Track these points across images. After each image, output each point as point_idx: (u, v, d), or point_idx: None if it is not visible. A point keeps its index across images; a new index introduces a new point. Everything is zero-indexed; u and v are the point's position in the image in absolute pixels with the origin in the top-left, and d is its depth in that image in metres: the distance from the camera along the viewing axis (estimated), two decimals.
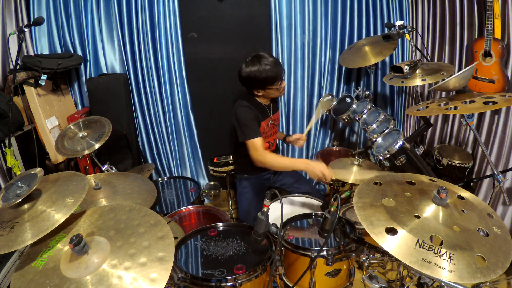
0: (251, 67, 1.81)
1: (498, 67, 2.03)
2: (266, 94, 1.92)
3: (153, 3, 2.48)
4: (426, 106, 1.56)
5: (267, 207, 1.23)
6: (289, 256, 1.44)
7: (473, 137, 2.35)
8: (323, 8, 2.60)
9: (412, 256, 0.92)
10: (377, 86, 2.91)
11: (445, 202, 1.05)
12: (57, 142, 1.91)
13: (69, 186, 1.10)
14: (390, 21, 2.72)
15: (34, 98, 2.25)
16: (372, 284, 1.26)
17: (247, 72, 1.82)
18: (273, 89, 1.88)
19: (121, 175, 1.65)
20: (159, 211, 2.15)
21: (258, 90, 1.89)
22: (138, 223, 1.04)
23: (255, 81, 1.83)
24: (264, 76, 1.81)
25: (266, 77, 1.81)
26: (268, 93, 1.91)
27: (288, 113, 2.85)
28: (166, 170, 2.97)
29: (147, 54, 2.59)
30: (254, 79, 1.82)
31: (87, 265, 0.92)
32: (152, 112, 2.77)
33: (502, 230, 1.04)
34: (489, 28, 1.98)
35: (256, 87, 1.87)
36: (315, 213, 1.66)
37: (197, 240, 1.52)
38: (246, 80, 1.86)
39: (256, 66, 1.80)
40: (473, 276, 0.88)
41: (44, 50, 2.53)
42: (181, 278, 1.27)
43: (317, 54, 2.70)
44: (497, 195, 1.81)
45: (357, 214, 1.05)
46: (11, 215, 1.02)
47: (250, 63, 1.82)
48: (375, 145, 1.93)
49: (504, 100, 1.32)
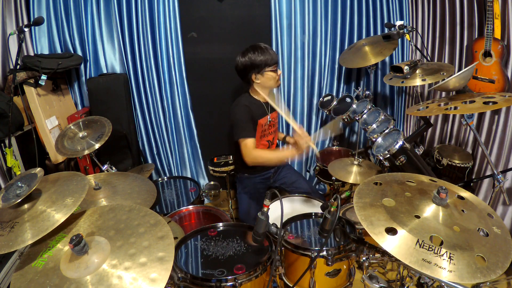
0: (247, 54, 1.88)
1: (498, 67, 2.03)
2: (264, 82, 1.92)
3: (153, 3, 2.48)
4: (426, 106, 1.56)
5: (267, 207, 1.23)
6: (289, 256, 1.44)
7: (473, 137, 2.35)
8: (323, 8, 2.60)
9: (412, 256, 0.92)
10: (377, 86, 2.91)
11: (445, 202, 1.05)
12: (57, 142, 1.91)
13: (69, 186, 1.10)
14: (390, 21, 2.72)
15: (34, 98, 2.25)
16: (372, 284, 1.26)
17: (244, 59, 1.88)
18: (270, 74, 1.90)
19: (121, 175, 1.65)
20: (159, 211, 2.14)
21: (257, 77, 1.90)
22: (138, 223, 1.04)
23: (252, 65, 1.87)
24: (260, 58, 1.86)
25: (262, 59, 1.86)
26: (266, 78, 1.91)
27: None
28: (166, 170, 2.97)
29: (147, 54, 2.59)
30: (251, 63, 1.86)
31: (87, 265, 0.92)
32: (152, 112, 2.77)
33: (502, 230, 1.04)
34: (489, 28, 1.98)
35: (254, 71, 1.89)
36: (315, 213, 1.66)
37: (197, 240, 1.52)
38: (244, 67, 1.89)
39: (251, 52, 1.87)
40: (473, 276, 0.88)
41: (44, 50, 2.53)
42: (181, 278, 1.27)
43: (317, 54, 2.70)
44: (497, 195, 1.81)
45: (357, 214, 1.05)
46: (11, 215, 1.02)
47: (246, 51, 1.89)
48: (375, 145, 1.93)
49: (504, 100, 1.32)
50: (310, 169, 3.03)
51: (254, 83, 1.94)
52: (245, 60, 1.88)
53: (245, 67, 1.89)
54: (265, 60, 1.86)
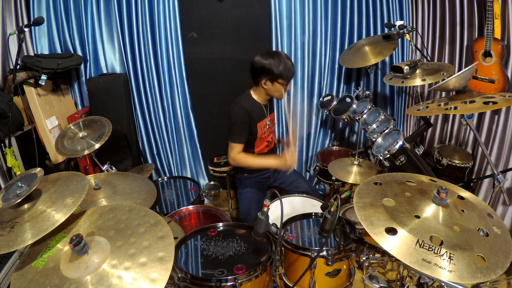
0: (269, 58, 1.85)
1: (498, 67, 2.03)
2: (270, 90, 1.93)
3: (153, 3, 2.48)
4: (426, 106, 1.56)
5: (267, 207, 1.23)
6: (289, 256, 1.44)
7: (473, 137, 2.35)
8: (323, 8, 2.60)
9: (412, 256, 0.92)
10: (377, 86, 2.91)
11: (445, 202, 1.05)
12: (57, 142, 1.91)
13: (69, 186, 1.10)
14: (390, 21, 2.72)
15: (34, 98, 2.25)
16: (372, 284, 1.26)
17: (264, 61, 1.85)
18: (279, 86, 1.90)
19: (121, 175, 1.65)
20: (159, 211, 2.14)
21: (266, 83, 1.90)
22: (138, 223, 1.04)
23: (269, 71, 1.85)
24: (280, 69, 1.84)
25: (281, 71, 1.84)
26: (274, 88, 1.91)
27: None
28: (166, 170, 2.97)
29: (147, 54, 2.59)
30: (269, 68, 1.85)
31: (87, 265, 0.92)
32: (152, 112, 2.77)
33: (502, 230, 1.04)
34: (489, 28, 1.98)
35: (267, 78, 1.88)
36: (315, 213, 1.66)
37: (197, 240, 1.52)
38: (261, 68, 1.87)
39: (274, 58, 1.84)
40: (473, 276, 0.88)
41: (44, 50, 2.53)
42: (181, 278, 1.27)
43: (317, 54, 2.70)
44: (497, 195, 1.81)
45: (357, 214, 1.05)
46: (11, 215, 1.02)
47: (269, 55, 1.86)
48: (375, 145, 1.93)
49: (504, 100, 1.32)
50: (310, 169, 3.04)
51: (261, 86, 1.94)
52: (265, 63, 1.85)
53: (261, 69, 1.87)
54: (282, 72, 1.85)
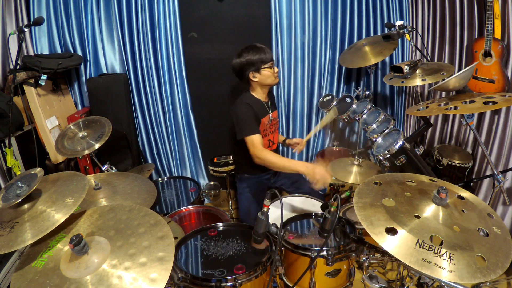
0: (243, 54, 1.90)
1: (498, 67, 2.03)
2: (262, 80, 1.94)
3: (153, 3, 2.48)
4: (426, 106, 1.56)
5: (267, 207, 1.23)
6: (289, 256, 1.44)
7: (473, 137, 2.35)
8: (323, 8, 2.60)
9: (412, 256, 0.92)
10: (377, 86, 2.91)
11: (445, 202, 1.05)
12: (57, 142, 1.91)
13: (69, 186, 1.10)
14: (390, 21, 2.72)
15: (34, 98, 2.25)
16: (372, 284, 1.26)
17: (240, 59, 1.91)
18: (267, 71, 1.91)
19: (121, 175, 1.65)
20: (159, 211, 2.15)
21: (254, 75, 1.92)
22: (138, 223, 1.04)
23: (248, 63, 1.89)
24: (256, 56, 1.88)
25: (258, 57, 1.88)
26: (263, 76, 1.92)
27: (288, 113, 2.85)
28: (166, 170, 2.97)
29: (147, 54, 2.59)
30: (247, 61, 1.89)
31: (87, 265, 0.92)
32: (152, 112, 2.77)
33: (502, 230, 1.04)
34: (489, 28, 1.98)
35: (251, 69, 1.91)
36: (315, 213, 1.66)
37: (197, 240, 1.52)
38: (241, 67, 1.91)
39: (246, 51, 1.90)
40: (473, 276, 0.88)
41: (44, 50, 2.53)
42: (181, 278, 1.27)
43: (317, 54, 2.70)
44: (497, 195, 1.81)
45: (357, 214, 1.05)
46: (11, 215, 1.02)
47: (241, 52, 1.92)
48: (375, 145, 1.93)
49: (504, 100, 1.32)
50: None
51: (253, 81, 1.94)
52: (241, 60, 1.90)
53: (241, 66, 1.91)
54: (260, 58, 1.89)
